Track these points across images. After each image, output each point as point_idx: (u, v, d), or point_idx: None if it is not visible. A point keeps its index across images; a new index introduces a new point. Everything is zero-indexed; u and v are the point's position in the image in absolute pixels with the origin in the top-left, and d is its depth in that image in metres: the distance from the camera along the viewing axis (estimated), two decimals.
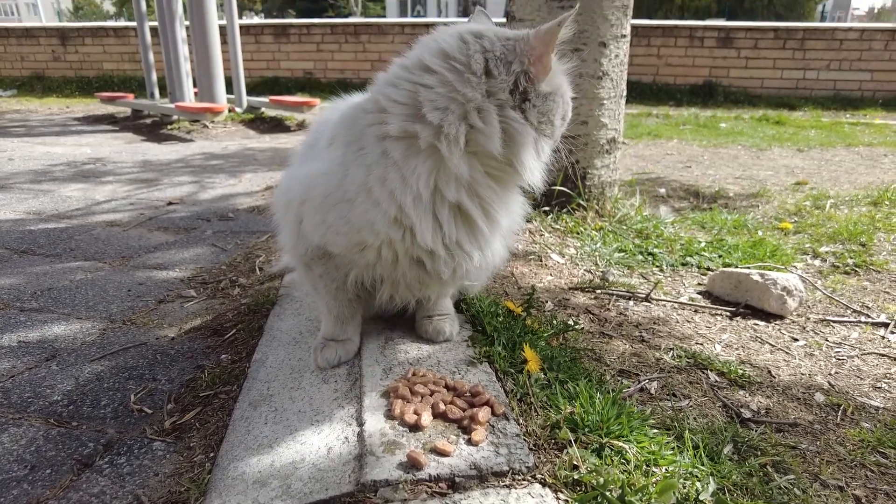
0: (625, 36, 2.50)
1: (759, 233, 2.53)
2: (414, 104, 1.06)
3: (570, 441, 0.97)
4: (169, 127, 6.04)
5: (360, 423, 1.04)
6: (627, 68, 2.61)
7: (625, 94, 2.62)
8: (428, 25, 9.78)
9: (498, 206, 1.16)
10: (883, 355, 1.55)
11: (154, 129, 6.10)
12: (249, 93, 6.89)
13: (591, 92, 2.47)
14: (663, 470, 0.97)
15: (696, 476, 0.96)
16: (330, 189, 1.14)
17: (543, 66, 1.06)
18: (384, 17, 36.55)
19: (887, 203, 3.01)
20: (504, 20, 2.60)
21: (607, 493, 0.80)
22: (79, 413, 1.33)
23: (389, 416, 1.06)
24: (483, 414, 1.03)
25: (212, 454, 1.15)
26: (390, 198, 1.08)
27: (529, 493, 0.87)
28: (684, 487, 0.92)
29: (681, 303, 1.84)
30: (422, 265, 1.18)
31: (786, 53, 8.75)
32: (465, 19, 1.32)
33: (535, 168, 1.11)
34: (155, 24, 6.37)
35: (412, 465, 0.92)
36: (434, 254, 1.14)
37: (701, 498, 0.86)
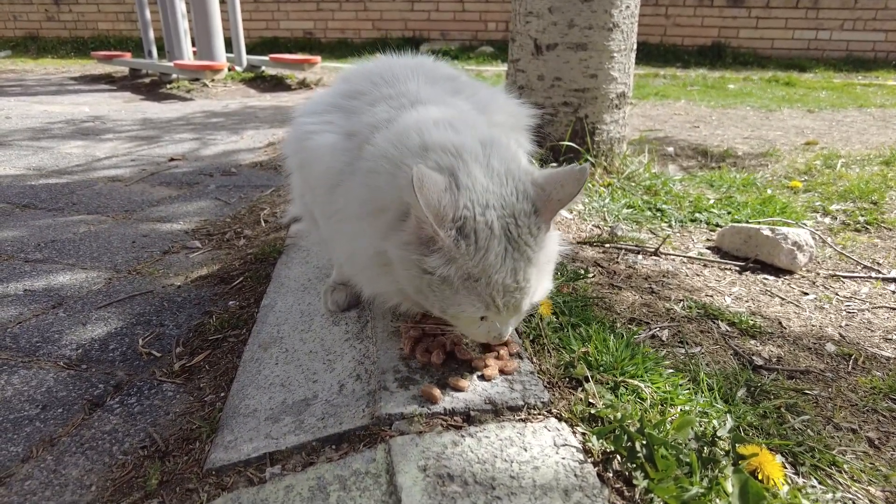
0: None
1: (769, 191, 2.49)
2: None
3: (587, 377, 0.97)
4: (168, 86, 5.93)
5: (373, 361, 1.04)
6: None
7: (635, 47, 2.55)
8: None
9: None
10: (893, 309, 1.54)
11: (153, 88, 5.99)
12: (248, 53, 6.74)
13: (601, 44, 2.40)
14: (678, 409, 0.96)
15: (712, 415, 0.96)
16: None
17: None
18: None
19: None
20: None
21: (626, 426, 0.80)
22: (87, 357, 1.33)
23: (402, 354, 1.05)
24: (500, 350, 1.02)
25: (222, 394, 1.14)
26: None
27: (546, 427, 0.86)
28: (701, 426, 0.91)
29: (690, 257, 1.82)
30: None
31: (798, 13, 8.50)
32: None
33: None
34: None
35: (427, 399, 0.92)
36: None
37: (719, 434, 0.85)
